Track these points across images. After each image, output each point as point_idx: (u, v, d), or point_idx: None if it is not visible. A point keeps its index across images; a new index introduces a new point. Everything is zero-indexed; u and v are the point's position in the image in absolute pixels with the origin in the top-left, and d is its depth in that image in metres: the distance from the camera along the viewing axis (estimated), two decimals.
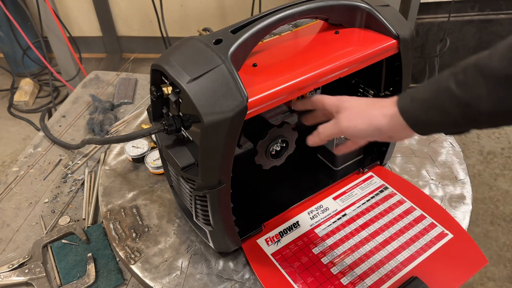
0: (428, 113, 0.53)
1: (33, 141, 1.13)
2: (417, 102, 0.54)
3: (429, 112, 0.52)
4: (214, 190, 0.62)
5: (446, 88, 0.50)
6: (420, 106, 0.53)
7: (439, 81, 0.52)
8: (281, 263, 0.74)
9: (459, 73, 0.49)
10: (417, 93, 0.55)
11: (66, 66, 2.17)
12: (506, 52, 0.45)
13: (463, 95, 0.48)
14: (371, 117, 0.58)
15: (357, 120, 0.59)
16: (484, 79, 0.46)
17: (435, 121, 0.53)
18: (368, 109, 0.59)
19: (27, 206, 0.96)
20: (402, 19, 0.71)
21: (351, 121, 0.60)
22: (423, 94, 0.53)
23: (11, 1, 2.10)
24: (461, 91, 0.49)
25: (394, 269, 0.72)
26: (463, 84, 0.48)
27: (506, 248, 1.58)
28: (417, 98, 0.54)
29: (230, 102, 0.55)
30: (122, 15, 2.57)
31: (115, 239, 0.80)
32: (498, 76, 0.45)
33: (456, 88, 0.49)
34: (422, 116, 0.53)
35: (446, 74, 0.52)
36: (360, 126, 0.59)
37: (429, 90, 0.53)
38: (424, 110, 0.53)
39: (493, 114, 0.47)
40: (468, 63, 0.49)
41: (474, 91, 0.47)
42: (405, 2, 1.86)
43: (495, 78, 0.46)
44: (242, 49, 0.59)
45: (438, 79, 0.52)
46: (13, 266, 0.82)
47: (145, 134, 0.64)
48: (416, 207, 0.83)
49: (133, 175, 0.95)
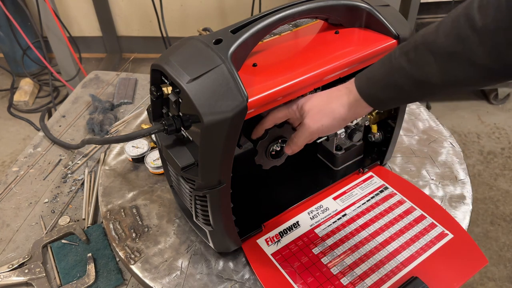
0: (385, 91, 0.56)
1: (33, 141, 1.13)
2: (373, 82, 0.58)
3: (386, 90, 0.56)
4: (214, 190, 0.62)
5: (399, 67, 0.54)
6: (377, 86, 0.57)
7: (392, 60, 0.55)
8: (281, 263, 0.74)
9: (410, 51, 0.52)
10: (372, 73, 0.58)
11: (66, 66, 2.17)
12: (450, 29, 0.48)
13: (415, 73, 0.52)
14: (332, 111, 0.61)
15: (322, 120, 0.62)
16: (434, 57, 0.50)
17: (392, 97, 0.57)
18: (327, 104, 0.62)
19: (27, 206, 0.96)
20: (402, 19, 0.71)
21: (317, 122, 0.62)
22: (378, 74, 0.57)
23: (11, 1, 2.10)
24: (414, 69, 0.52)
25: (394, 269, 0.72)
26: (415, 62, 0.52)
27: (506, 248, 1.58)
28: (373, 79, 0.58)
29: (230, 102, 0.55)
30: (122, 15, 2.57)
31: (115, 239, 0.80)
32: (445, 52, 0.48)
33: (408, 66, 0.53)
34: (380, 94, 0.57)
35: (397, 53, 0.55)
36: (326, 123, 0.62)
37: (383, 70, 0.56)
38: (381, 89, 0.57)
39: (444, 86, 0.51)
40: (417, 40, 0.52)
41: (425, 68, 0.51)
42: (405, 2, 1.86)
43: (442, 54, 0.49)
44: (242, 49, 0.59)
45: (390, 58, 0.55)
46: (13, 266, 0.82)
47: (145, 134, 0.64)
48: (416, 207, 0.83)
49: (133, 175, 0.94)
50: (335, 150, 0.88)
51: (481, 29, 0.44)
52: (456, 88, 0.52)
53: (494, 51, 0.45)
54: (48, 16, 1.93)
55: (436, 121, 1.05)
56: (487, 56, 0.45)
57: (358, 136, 0.84)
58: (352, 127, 0.83)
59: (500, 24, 0.43)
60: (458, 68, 0.48)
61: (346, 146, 0.88)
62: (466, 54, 0.47)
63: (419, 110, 1.08)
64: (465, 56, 0.47)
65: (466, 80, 0.50)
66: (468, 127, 2.10)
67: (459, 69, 0.48)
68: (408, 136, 1.01)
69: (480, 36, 0.45)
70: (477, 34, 0.45)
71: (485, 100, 2.24)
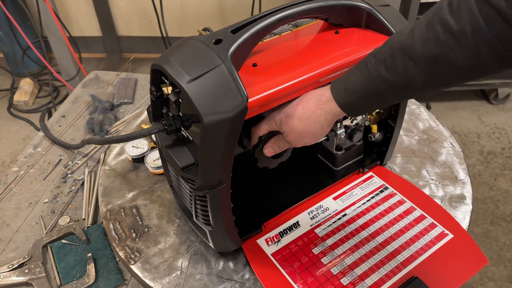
0: (365, 99, 0.58)
1: (33, 141, 1.13)
2: (353, 92, 0.59)
3: (366, 98, 0.58)
4: (214, 190, 0.62)
5: (378, 74, 0.55)
6: (357, 95, 0.59)
7: (369, 69, 0.56)
8: (281, 263, 0.74)
9: (387, 58, 0.54)
10: (349, 83, 0.59)
11: (66, 66, 2.17)
12: (425, 34, 0.50)
13: (396, 79, 0.54)
14: (314, 132, 0.64)
15: (304, 140, 0.66)
16: (413, 61, 0.52)
17: (370, 104, 0.60)
18: (307, 127, 0.64)
19: (27, 206, 0.96)
20: (402, 19, 0.71)
21: (300, 141, 0.66)
22: (356, 84, 0.58)
23: (11, 1, 2.10)
24: (393, 75, 0.54)
25: (394, 269, 0.72)
26: (394, 68, 0.53)
27: (506, 248, 1.58)
28: (352, 89, 0.59)
29: (230, 102, 0.55)
30: (122, 15, 2.57)
31: (115, 239, 0.80)
32: (424, 56, 0.50)
33: (387, 73, 0.54)
34: (359, 103, 0.59)
35: (373, 61, 0.56)
36: (309, 141, 0.66)
37: (362, 79, 0.57)
38: (360, 98, 0.59)
39: (424, 88, 0.54)
40: (393, 47, 0.54)
41: (406, 73, 0.53)
42: (405, 2, 1.86)
43: (422, 59, 0.51)
44: (242, 49, 0.59)
45: (366, 66, 0.57)
46: (13, 266, 0.82)
47: (145, 134, 0.64)
48: (416, 207, 0.83)
49: (133, 175, 0.94)
50: (335, 150, 0.88)
51: (458, 32, 0.47)
52: (435, 89, 0.55)
53: (471, 52, 0.47)
54: (48, 16, 1.93)
55: (436, 121, 1.05)
56: (466, 57, 0.48)
57: (358, 136, 0.85)
58: (352, 127, 0.83)
59: (475, 26, 0.45)
60: (438, 70, 0.51)
61: (346, 146, 0.88)
62: (445, 56, 0.49)
63: (419, 110, 1.08)
64: (444, 59, 0.49)
65: (446, 81, 0.52)
66: (468, 127, 2.10)
67: (439, 71, 0.51)
68: (408, 136, 1.01)
69: (457, 39, 0.47)
70: (454, 37, 0.47)
71: (485, 100, 2.24)
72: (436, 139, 1.00)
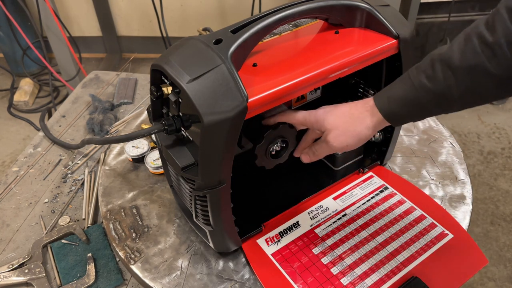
0: (406, 107, 0.61)
1: (33, 141, 1.13)
2: (394, 100, 0.62)
3: (407, 107, 0.61)
4: (214, 190, 0.62)
5: (419, 84, 0.58)
6: (398, 103, 0.61)
7: (411, 78, 0.60)
8: (281, 263, 0.74)
9: (428, 69, 0.58)
10: (392, 92, 0.62)
11: (66, 66, 2.17)
12: (463, 46, 0.54)
13: (435, 87, 0.57)
14: (358, 134, 0.65)
15: (347, 140, 0.65)
16: (451, 71, 0.55)
17: (412, 113, 0.62)
18: (352, 126, 0.65)
19: (27, 206, 0.96)
20: (403, 19, 0.71)
21: (342, 142, 0.65)
22: (398, 92, 0.61)
23: (11, 1, 2.10)
24: (433, 84, 0.57)
25: (394, 269, 0.72)
26: (433, 78, 0.57)
27: (506, 248, 1.58)
28: (394, 97, 0.62)
29: (230, 102, 0.55)
30: (122, 15, 2.57)
31: (115, 239, 0.80)
32: (462, 66, 0.54)
33: (428, 82, 0.57)
34: (401, 111, 0.62)
35: (415, 72, 0.60)
36: (352, 143, 0.66)
37: (403, 87, 0.61)
38: (402, 105, 0.61)
39: (462, 98, 0.56)
40: (433, 59, 0.57)
41: (445, 83, 0.56)
42: (405, 2, 1.86)
43: (460, 68, 0.54)
44: (242, 49, 0.59)
45: (409, 77, 0.60)
46: (13, 266, 0.82)
47: (145, 134, 0.64)
48: (416, 207, 0.83)
49: (133, 175, 0.94)
50: None
51: (493, 44, 0.51)
52: (473, 99, 0.57)
53: (506, 62, 0.51)
54: (48, 16, 1.93)
55: (436, 121, 1.05)
56: (501, 67, 0.51)
57: None
58: None
59: (509, 38, 0.50)
60: (475, 79, 0.54)
61: None
62: (481, 66, 0.52)
63: None
64: (481, 68, 0.52)
65: (483, 91, 0.55)
66: (468, 127, 2.10)
67: (476, 80, 0.54)
68: (408, 136, 1.01)
69: (493, 50, 0.51)
70: (490, 48, 0.51)
71: None
72: (436, 139, 1.00)
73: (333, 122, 0.65)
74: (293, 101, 0.77)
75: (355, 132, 0.64)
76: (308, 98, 0.79)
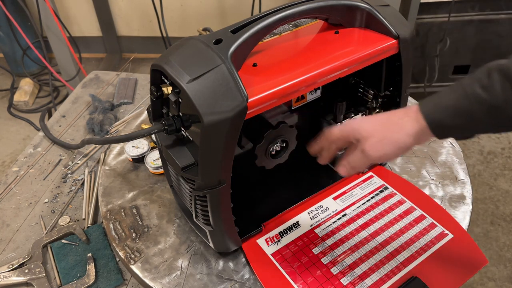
0: (454, 117, 0.54)
1: (33, 141, 1.13)
2: (442, 108, 0.55)
3: (455, 116, 0.54)
4: (214, 190, 0.62)
5: (473, 92, 0.52)
6: (447, 112, 0.55)
7: (463, 86, 0.54)
8: (281, 263, 0.74)
9: (483, 78, 0.52)
10: (440, 99, 0.56)
11: (66, 66, 2.16)
12: None
13: (490, 99, 0.51)
14: (397, 141, 0.58)
15: (384, 148, 0.58)
16: (510, 83, 0.49)
17: (460, 125, 0.55)
18: (389, 133, 0.58)
19: (27, 206, 0.96)
20: (402, 19, 0.71)
21: (379, 150, 0.59)
22: (447, 100, 0.55)
23: (11, 1, 2.10)
24: (488, 95, 0.51)
25: (394, 269, 0.72)
26: (490, 88, 0.51)
27: (506, 248, 1.58)
28: (442, 104, 0.55)
29: (230, 102, 0.55)
30: (122, 15, 2.57)
31: (115, 239, 0.80)
32: None
33: (482, 92, 0.51)
34: (448, 121, 0.55)
35: (468, 80, 0.53)
36: (390, 152, 0.59)
37: (453, 95, 0.54)
38: (450, 115, 0.54)
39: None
40: (490, 68, 0.52)
41: (503, 95, 0.50)
42: (405, 2, 1.85)
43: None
44: (242, 49, 0.59)
45: (461, 84, 0.54)
46: (13, 266, 0.82)
47: (145, 134, 0.64)
48: (416, 207, 0.83)
49: (133, 175, 0.94)
50: None
51: None
52: None
53: None
54: (48, 16, 1.93)
55: None
56: None
57: None
58: None
59: None
60: None
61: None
62: None
63: None
64: None
65: None
66: None
67: None
68: None
69: None
70: None
71: None
72: (436, 139, 1.00)
73: (369, 129, 0.59)
74: (293, 101, 0.77)
75: (392, 139, 0.58)
76: (308, 98, 0.79)
